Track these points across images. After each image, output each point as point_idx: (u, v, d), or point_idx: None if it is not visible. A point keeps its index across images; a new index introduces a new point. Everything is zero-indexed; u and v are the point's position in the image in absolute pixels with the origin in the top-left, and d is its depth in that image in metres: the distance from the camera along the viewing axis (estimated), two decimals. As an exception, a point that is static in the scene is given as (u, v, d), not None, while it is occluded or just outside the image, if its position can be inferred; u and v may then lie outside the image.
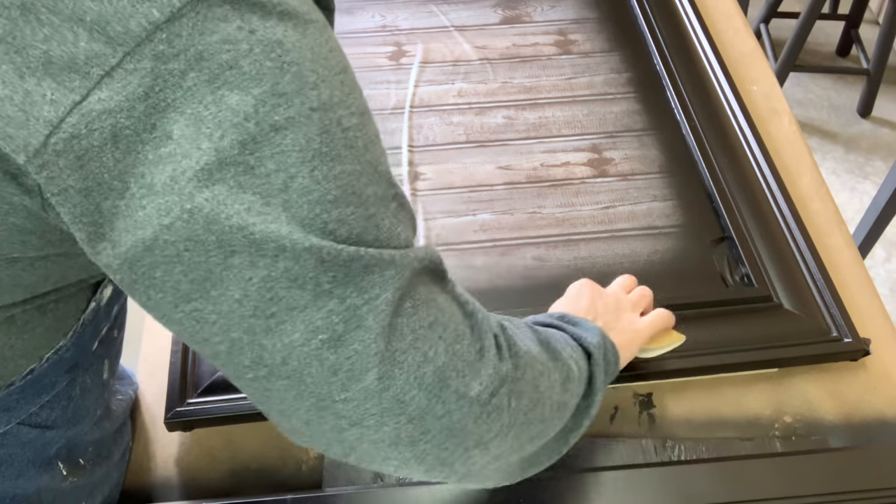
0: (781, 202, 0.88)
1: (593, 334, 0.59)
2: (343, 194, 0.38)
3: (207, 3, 0.34)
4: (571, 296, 0.69)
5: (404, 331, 0.41)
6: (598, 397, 0.58)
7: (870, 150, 2.19)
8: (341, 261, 0.38)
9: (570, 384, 0.54)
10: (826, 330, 0.78)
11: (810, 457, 0.70)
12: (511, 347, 0.48)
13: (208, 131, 0.35)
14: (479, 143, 0.97)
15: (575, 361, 0.55)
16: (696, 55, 1.05)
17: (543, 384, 0.50)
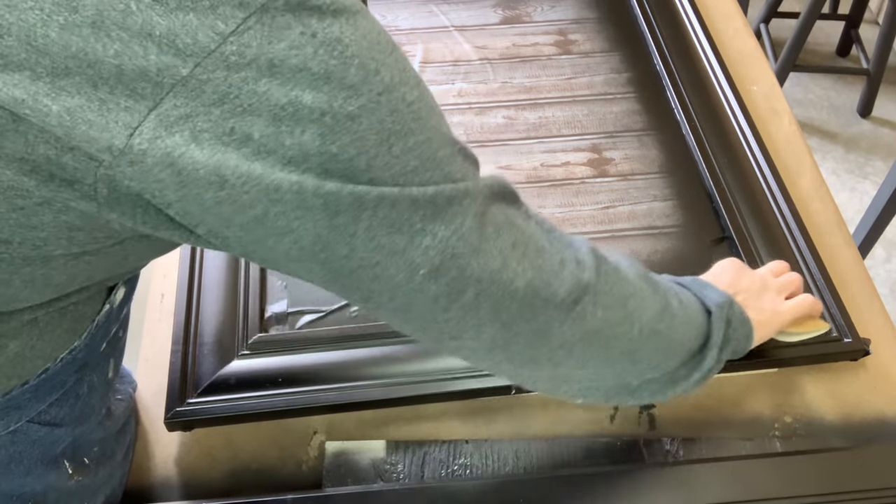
0: (781, 202, 0.88)
1: (718, 295, 0.62)
2: (420, 163, 0.43)
3: (270, 14, 0.37)
4: (715, 272, 0.71)
5: (492, 252, 0.46)
6: (712, 353, 0.60)
7: (870, 150, 2.19)
8: (428, 197, 0.43)
9: (667, 317, 0.57)
10: (826, 330, 0.78)
11: (810, 457, 0.70)
12: (597, 263, 0.53)
13: (289, 129, 0.38)
14: (479, 143, 0.97)
15: (681, 303, 0.59)
16: (696, 55, 1.05)
17: (632, 304, 0.54)
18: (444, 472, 0.71)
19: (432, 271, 0.44)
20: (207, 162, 0.38)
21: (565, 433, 0.74)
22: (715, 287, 0.64)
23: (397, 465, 0.72)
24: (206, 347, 0.76)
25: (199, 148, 0.37)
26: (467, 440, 0.73)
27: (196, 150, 0.37)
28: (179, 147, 0.37)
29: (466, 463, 0.72)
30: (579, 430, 0.74)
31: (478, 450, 0.73)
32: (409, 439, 0.73)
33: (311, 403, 0.73)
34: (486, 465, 0.72)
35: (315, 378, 0.74)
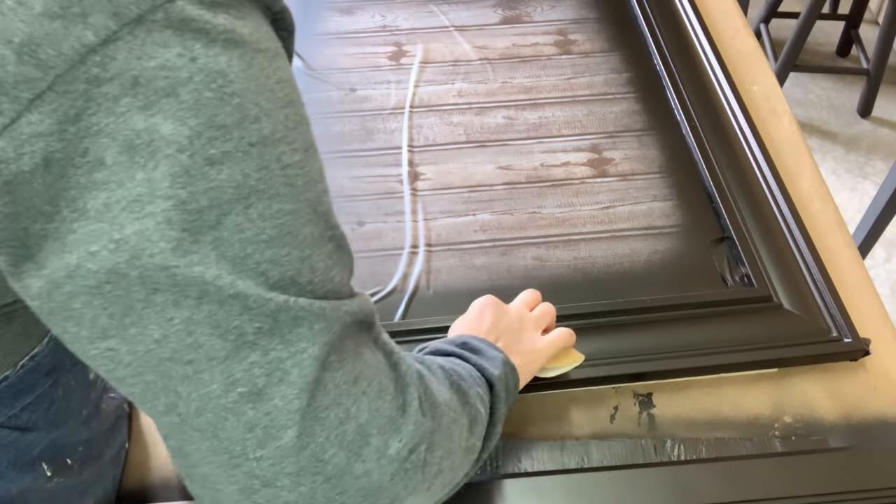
0: (781, 202, 0.88)
1: (495, 364, 0.58)
2: (278, 234, 0.37)
3: (146, 27, 0.33)
4: (474, 315, 0.68)
5: (328, 386, 0.39)
6: (499, 428, 0.57)
7: (870, 150, 2.19)
8: (268, 310, 0.37)
9: (477, 426, 0.53)
10: (826, 330, 0.78)
11: (810, 457, 0.70)
12: (430, 399, 0.46)
13: (141, 161, 0.34)
14: (479, 143, 0.97)
15: (481, 399, 0.54)
16: (696, 55, 1.05)
17: (456, 433, 0.49)
18: (444, 472, 0.71)
19: (253, 394, 0.37)
20: (45, 193, 0.33)
21: (565, 433, 0.74)
22: (488, 349, 0.60)
23: (397, 465, 0.72)
24: (206, 347, 0.76)
25: (47, 171, 0.33)
26: (467, 440, 0.73)
27: (40, 177, 0.33)
28: (24, 173, 0.33)
29: (466, 463, 0.72)
30: (579, 430, 0.74)
31: (478, 450, 0.73)
32: (409, 439, 0.73)
33: (311, 403, 0.72)
34: (486, 464, 0.72)
35: (315, 378, 0.74)
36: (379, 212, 0.89)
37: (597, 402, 0.76)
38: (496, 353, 0.60)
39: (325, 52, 1.07)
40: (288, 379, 0.37)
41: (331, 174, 0.97)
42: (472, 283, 0.83)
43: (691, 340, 0.77)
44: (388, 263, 0.84)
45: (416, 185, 0.92)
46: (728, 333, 0.78)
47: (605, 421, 0.75)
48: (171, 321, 0.36)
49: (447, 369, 0.53)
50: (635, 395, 0.77)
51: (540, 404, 0.76)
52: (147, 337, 0.36)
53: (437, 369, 0.52)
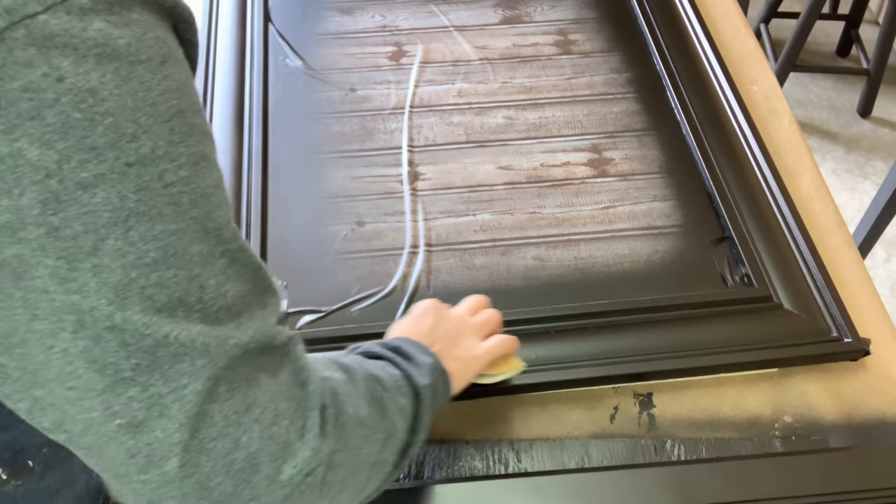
0: (781, 202, 0.88)
1: (424, 372, 0.58)
2: (163, 256, 0.36)
3: (7, 45, 0.31)
4: (413, 318, 0.67)
5: (216, 417, 0.38)
6: (421, 436, 0.56)
7: (870, 150, 2.19)
8: (146, 346, 0.36)
9: (393, 440, 0.52)
10: (826, 330, 0.78)
11: (810, 457, 0.70)
12: (338, 418, 0.45)
13: (6, 188, 0.32)
14: (479, 143, 0.97)
15: (401, 411, 0.54)
16: (696, 55, 1.05)
17: (365, 450, 0.48)
18: (444, 473, 0.71)
19: (133, 426, 0.37)
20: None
21: (565, 433, 0.74)
22: (420, 355, 0.59)
23: (397, 465, 0.72)
24: (207, 347, 0.76)
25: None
26: (467, 440, 0.73)
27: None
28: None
29: (466, 463, 0.72)
30: (579, 430, 0.74)
31: (478, 450, 0.73)
32: (409, 439, 0.73)
33: (311, 403, 0.72)
34: (486, 465, 0.72)
35: (315, 378, 0.74)
36: (379, 212, 0.89)
37: (597, 402, 0.76)
38: (427, 360, 0.59)
39: (325, 52, 1.07)
40: (168, 413, 0.37)
41: (331, 174, 0.98)
42: (472, 283, 0.83)
43: (691, 340, 0.77)
44: (388, 263, 0.85)
45: (416, 185, 0.92)
46: (728, 333, 0.78)
47: (605, 421, 0.75)
48: (51, 349, 0.35)
49: (370, 380, 0.52)
50: (635, 395, 0.77)
51: (540, 404, 0.76)
52: (32, 359, 0.36)
53: (361, 381, 0.51)
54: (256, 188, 0.89)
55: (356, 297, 0.81)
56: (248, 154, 0.93)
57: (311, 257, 0.85)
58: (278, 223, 0.88)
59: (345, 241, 0.87)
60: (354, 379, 0.51)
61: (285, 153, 0.94)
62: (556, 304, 0.80)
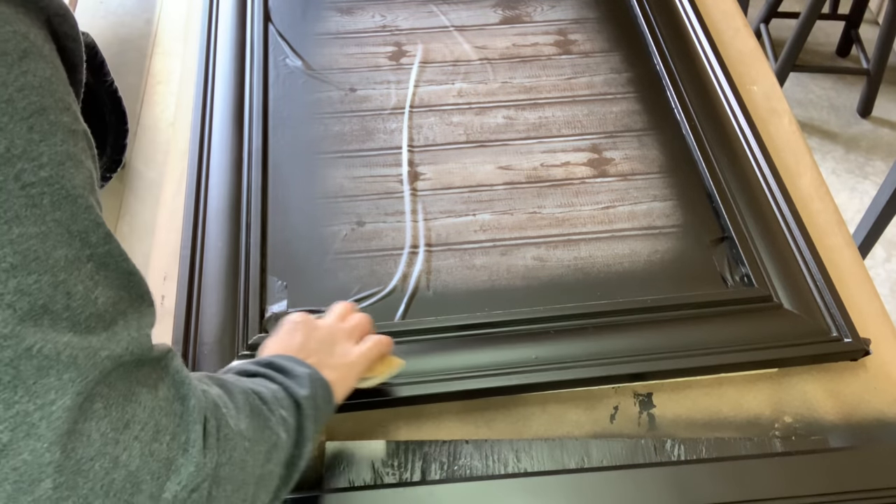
0: (781, 202, 0.88)
1: (302, 383, 0.57)
2: (22, 261, 0.35)
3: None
4: (283, 334, 0.66)
5: (92, 436, 0.37)
6: (307, 447, 0.56)
7: (870, 150, 2.19)
8: (6, 359, 0.34)
9: (277, 452, 0.51)
10: (826, 330, 0.78)
11: (810, 457, 0.70)
12: (221, 431, 0.44)
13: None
14: (479, 143, 0.97)
15: (283, 422, 0.53)
16: (696, 55, 1.05)
17: (249, 464, 0.47)
18: (444, 472, 0.71)
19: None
20: None
21: (565, 433, 0.74)
22: (296, 368, 0.59)
23: (397, 465, 0.72)
24: (207, 348, 0.76)
25: None
26: (467, 440, 0.73)
27: None
28: None
29: (466, 463, 0.72)
30: (579, 430, 0.74)
31: (478, 450, 0.73)
32: (409, 439, 0.73)
33: (311, 403, 0.72)
34: (486, 465, 0.72)
35: (315, 378, 0.74)
36: (379, 212, 0.89)
37: (597, 402, 0.76)
38: (303, 371, 0.58)
39: (325, 52, 1.07)
40: (36, 432, 0.35)
41: (331, 174, 0.98)
42: (472, 283, 0.83)
43: (691, 340, 0.77)
44: (388, 263, 0.84)
45: (416, 185, 0.92)
46: (728, 333, 0.78)
47: (605, 421, 0.75)
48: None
49: (249, 394, 0.51)
50: (635, 395, 0.77)
51: (540, 404, 0.76)
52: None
53: (239, 394, 0.50)
54: (256, 188, 0.89)
55: (356, 297, 0.81)
56: (247, 154, 0.93)
57: (311, 257, 0.85)
58: (278, 223, 0.88)
59: (345, 241, 0.87)
60: (232, 392, 0.49)
61: (285, 153, 0.94)
62: (556, 304, 0.80)
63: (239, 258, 0.83)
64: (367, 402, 0.73)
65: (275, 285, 0.82)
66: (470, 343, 0.77)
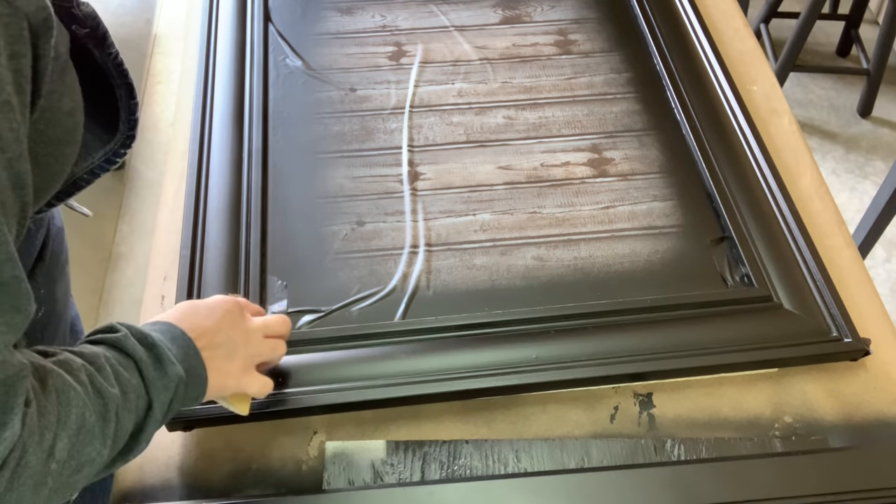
0: (781, 202, 0.88)
1: (167, 386, 0.56)
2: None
3: None
4: (205, 307, 0.64)
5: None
6: (142, 446, 0.56)
7: (870, 150, 2.19)
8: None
9: (90, 467, 0.51)
10: (826, 330, 0.78)
11: (810, 457, 0.70)
12: (23, 458, 0.46)
13: None
14: (479, 143, 0.97)
15: (115, 430, 0.52)
16: (696, 55, 1.05)
17: (48, 485, 0.48)
18: (444, 472, 0.71)
19: None
20: None
21: (565, 433, 0.74)
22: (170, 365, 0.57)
23: (397, 465, 0.72)
24: (206, 347, 0.76)
25: None
26: (467, 440, 0.73)
27: None
28: None
29: (466, 463, 0.72)
30: (579, 430, 0.74)
31: (478, 450, 0.73)
32: (409, 439, 0.73)
33: (311, 403, 0.72)
34: (486, 465, 0.72)
35: (315, 378, 0.74)
36: (379, 212, 0.89)
37: (597, 402, 0.76)
38: (177, 372, 0.57)
39: (325, 52, 1.07)
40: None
41: (331, 174, 0.98)
42: (472, 283, 0.83)
43: (691, 340, 0.77)
44: (388, 263, 0.84)
45: (416, 185, 0.92)
46: (728, 333, 0.78)
47: (605, 421, 0.75)
48: None
49: (97, 400, 0.51)
50: (635, 395, 0.77)
51: (540, 404, 0.76)
52: None
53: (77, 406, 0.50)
54: (256, 188, 0.89)
55: (356, 297, 0.81)
56: (248, 154, 0.93)
57: (311, 257, 0.85)
58: (278, 223, 0.88)
59: (345, 240, 0.87)
60: (67, 406, 0.49)
61: (285, 153, 0.94)
62: (556, 304, 0.80)
63: (239, 258, 0.83)
64: (367, 402, 0.73)
65: (275, 285, 0.82)
66: (470, 343, 0.77)
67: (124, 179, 1.93)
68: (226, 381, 0.63)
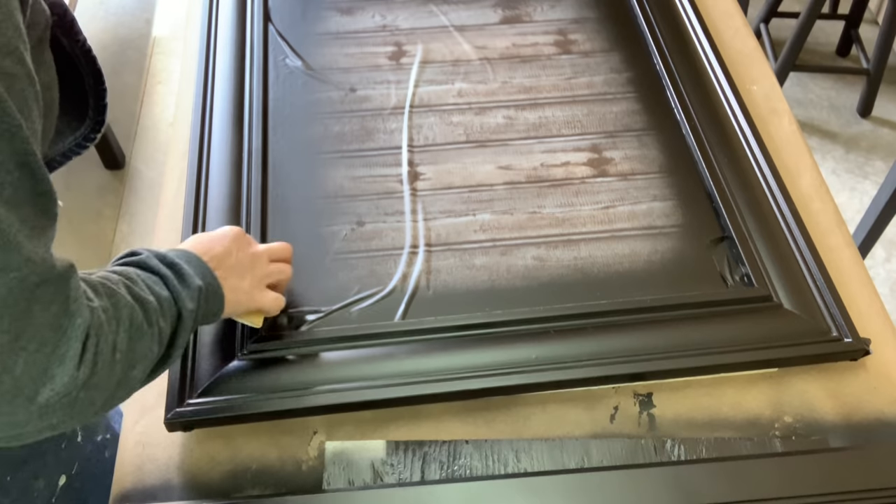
0: (781, 202, 0.88)
1: (192, 297, 0.61)
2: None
3: None
4: (213, 237, 0.70)
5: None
6: (176, 353, 0.60)
7: (870, 150, 2.19)
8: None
9: (144, 363, 0.56)
10: (826, 330, 0.78)
11: (810, 457, 0.70)
12: (98, 346, 0.51)
13: None
14: (479, 143, 0.97)
15: (159, 335, 0.57)
16: (696, 55, 1.05)
17: (117, 373, 0.53)
18: (444, 472, 0.71)
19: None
20: None
21: (565, 433, 0.74)
22: (194, 279, 0.62)
23: (397, 465, 0.72)
24: (206, 348, 0.76)
25: None
26: (467, 440, 0.73)
27: None
28: None
29: (466, 463, 0.72)
30: (579, 430, 0.74)
31: (478, 450, 0.73)
32: (409, 439, 0.73)
33: (311, 403, 0.73)
34: (486, 465, 0.72)
35: (315, 378, 0.74)
36: (379, 212, 0.89)
37: (597, 402, 0.76)
38: (198, 284, 0.62)
39: (325, 52, 1.07)
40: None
41: (331, 174, 0.98)
42: (472, 283, 0.83)
43: (691, 340, 0.77)
44: (388, 263, 0.84)
45: (416, 185, 0.92)
46: (728, 333, 0.78)
47: (605, 421, 0.75)
48: None
49: (134, 308, 0.55)
50: (635, 395, 0.77)
51: (540, 404, 0.76)
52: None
53: (124, 309, 0.54)
54: (256, 188, 0.89)
55: (356, 297, 0.81)
56: (247, 154, 0.93)
57: (311, 257, 0.85)
58: (278, 223, 0.88)
59: (344, 241, 0.87)
60: (118, 307, 0.54)
61: (285, 153, 0.94)
62: (556, 304, 0.80)
63: None
64: (367, 401, 0.73)
65: (275, 285, 0.82)
66: (470, 343, 0.77)
67: (124, 179, 1.93)
68: (239, 298, 0.69)
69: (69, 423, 0.51)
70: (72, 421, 0.51)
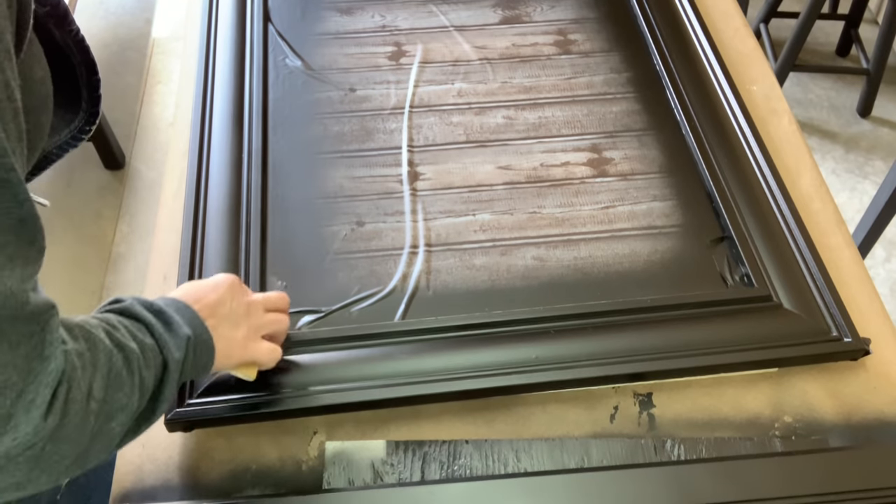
0: (781, 202, 0.88)
1: (179, 346, 0.57)
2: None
3: None
4: (207, 285, 0.66)
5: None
6: (163, 406, 0.56)
7: (870, 150, 2.19)
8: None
9: (122, 414, 0.52)
10: (826, 330, 0.78)
11: (810, 457, 0.70)
12: (70, 394, 0.46)
13: None
14: (479, 143, 0.97)
15: (140, 386, 0.53)
16: (696, 55, 1.05)
17: (91, 424, 0.49)
18: (444, 472, 0.71)
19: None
20: None
21: (565, 433, 0.74)
22: (181, 328, 0.58)
23: (397, 465, 0.72)
24: (206, 347, 0.76)
25: None
26: (467, 440, 0.73)
27: None
28: None
29: (466, 463, 0.72)
30: (579, 429, 0.74)
31: (478, 450, 0.73)
32: (409, 439, 0.73)
33: (311, 403, 0.73)
34: (486, 465, 0.72)
35: (315, 378, 0.74)
36: (379, 212, 0.89)
37: (597, 402, 0.76)
38: (186, 333, 0.58)
39: (325, 52, 1.07)
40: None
41: (330, 174, 0.97)
42: (472, 283, 0.83)
43: (691, 340, 0.77)
44: (388, 263, 0.84)
45: (416, 185, 0.92)
46: (728, 333, 0.78)
47: (605, 421, 0.75)
48: None
49: (113, 354, 0.52)
50: (635, 395, 0.77)
51: (540, 404, 0.76)
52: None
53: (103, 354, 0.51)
54: (256, 188, 0.89)
55: (356, 297, 0.81)
56: (247, 154, 0.93)
57: (311, 257, 0.85)
58: (278, 223, 0.88)
59: (344, 241, 0.87)
60: (97, 351, 0.50)
61: (285, 153, 0.94)
62: (556, 304, 0.80)
63: (239, 258, 0.83)
64: (366, 402, 0.73)
65: (275, 285, 0.82)
66: (470, 343, 0.77)
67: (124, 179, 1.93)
68: (232, 348, 0.65)
69: (37, 481, 0.47)
70: (40, 478, 0.47)
